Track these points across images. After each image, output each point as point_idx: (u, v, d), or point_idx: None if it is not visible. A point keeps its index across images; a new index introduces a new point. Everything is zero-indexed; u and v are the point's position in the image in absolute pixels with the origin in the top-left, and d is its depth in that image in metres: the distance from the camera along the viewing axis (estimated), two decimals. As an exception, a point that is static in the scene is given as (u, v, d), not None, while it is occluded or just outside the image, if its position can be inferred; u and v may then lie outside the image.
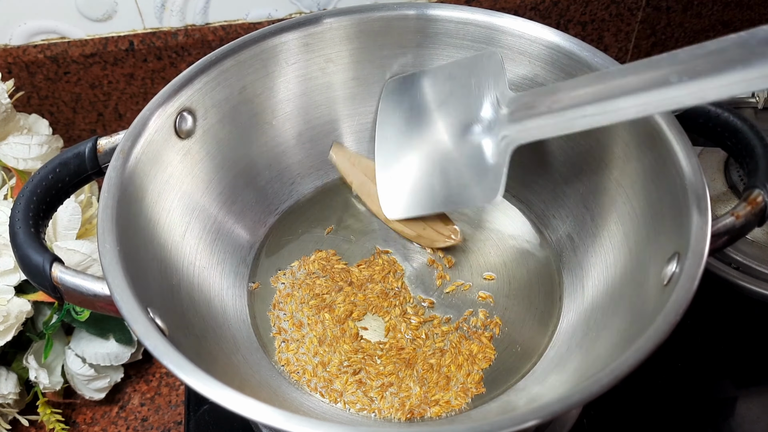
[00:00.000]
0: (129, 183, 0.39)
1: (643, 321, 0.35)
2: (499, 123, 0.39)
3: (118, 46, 0.61)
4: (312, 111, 0.51)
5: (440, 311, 0.46)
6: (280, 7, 0.62)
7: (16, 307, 0.46)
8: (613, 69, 0.35)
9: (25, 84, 0.61)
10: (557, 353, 0.43)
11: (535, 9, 0.66)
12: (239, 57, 0.46)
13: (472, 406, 0.41)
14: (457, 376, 0.42)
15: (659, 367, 0.50)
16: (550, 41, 0.46)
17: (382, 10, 0.49)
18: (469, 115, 0.41)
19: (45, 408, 0.49)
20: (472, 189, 0.41)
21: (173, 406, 0.51)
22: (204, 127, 0.46)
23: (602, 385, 0.30)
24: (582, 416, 0.47)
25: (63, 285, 0.36)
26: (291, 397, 0.41)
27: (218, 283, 0.46)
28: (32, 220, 0.38)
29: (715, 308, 0.53)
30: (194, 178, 0.46)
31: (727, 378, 0.50)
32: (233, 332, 0.44)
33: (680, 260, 0.35)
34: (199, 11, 0.61)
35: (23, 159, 0.51)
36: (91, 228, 0.50)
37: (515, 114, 0.39)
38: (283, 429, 0.29)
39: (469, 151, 0.42)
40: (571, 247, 0.47)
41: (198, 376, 0.30)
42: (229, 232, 0.48)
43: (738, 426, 0.48)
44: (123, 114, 0.66)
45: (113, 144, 0.41)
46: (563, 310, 0.45)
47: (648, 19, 0.71)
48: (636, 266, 0.41)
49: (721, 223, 0.37)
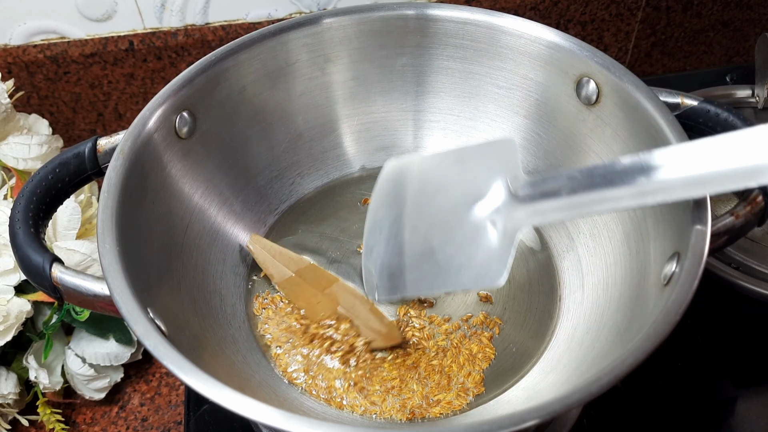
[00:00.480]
0: (129, 183, 0.39)
1: (643, 321, 0.35)
2: (509, 205, 0.38)
3: (118, 46, 0.61)
4: (312, 111, 0.51)
5: (440, 311, 0.46)
6: (280, 7, 0.62)
7: (16, 307, 0.46)
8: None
9: (25, 84, 0.61)
10: (557, 353, 0.43)
11: (535, 9, 0.66)
12: (239, 57, 0.46)
13: (473, 406, 0.41)
14: (457, 376, 0.42)
15: (659, 367, 0.50)
16: (550, 41, 0.46)
17: (382, 10, 0.49)
18: (475, 197, 0.39)
19: (45, 408, 0.49)
20: (474, 271, 0.39)
21: (173, 406, 0.51)
22: (204, 127, 0.46)
23: (602, 385, 0.30)
24: (582, 416, 0.47)
25: (63, 285, 0.36)
26: (291, 397, 0.41)
27: (218, 283, 0.46)
28: (32, 220, 0.38)
29: (715, 308, 0.53)
30: (194, 178, 0.46)
31: (727, 378, 0.50)
32: (233, 332, 0.44)
33: (680, 260, 0.35)
34: (199, 11, 0.61)
35: (23, 159, 0.51)
36: (91, 228, 0.50)
37: (528, 196, 0.37)
38: (283, 429, 0.29)
39: (473, 233, 0.39)
40: (571, 247, 0.47)
41: (198, 376, 0.30)
42: (229, 232, 0.48)
43: (738, 426, 0.48)
44: (123, 114, 0.66)
45: (113, 144, 0.41)
46: (563, 310, 0.45)
47: (648, 19, 0.71)
48: (636, 266, 0.41)
49: (720, 222, 0.37)
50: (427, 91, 0.52)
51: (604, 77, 0.44)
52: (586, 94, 0.45)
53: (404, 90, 0.52)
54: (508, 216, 0.38)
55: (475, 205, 0.39)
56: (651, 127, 0.40)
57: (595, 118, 0.45)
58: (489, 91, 0.51)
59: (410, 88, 0.52)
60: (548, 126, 0.49)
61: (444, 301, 0.46)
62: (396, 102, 0.53)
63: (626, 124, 0.43)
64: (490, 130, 0.52)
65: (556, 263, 0.48)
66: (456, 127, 0.53)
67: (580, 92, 0.46)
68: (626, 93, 0.42)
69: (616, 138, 0.44)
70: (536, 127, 0.50)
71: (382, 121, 0.53)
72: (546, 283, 0.47)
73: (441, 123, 0.53)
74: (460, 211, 0.40)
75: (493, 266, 0.38)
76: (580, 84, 0.45)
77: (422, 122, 0.53)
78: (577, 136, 0.47)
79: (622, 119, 0.43)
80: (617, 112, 0.44)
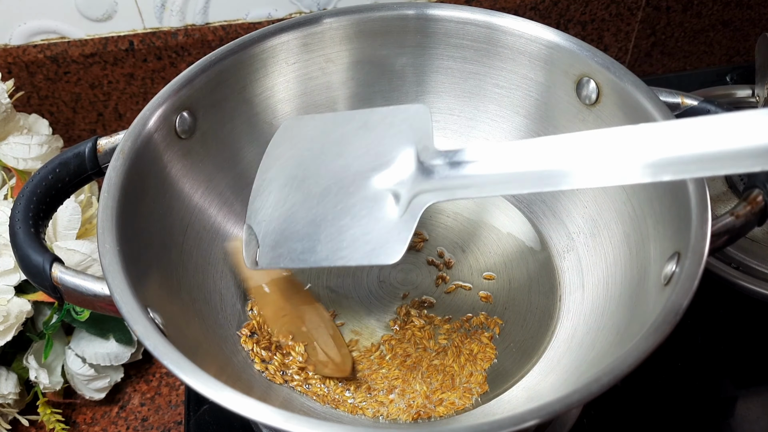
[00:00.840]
0: (129, 183, 0.39)
1: (643, 321, 0.35)
2: (416, 177, 0.35)
3: (118, 46, 0.61)
4: (312, 111, 0.51)
5: (440, 311, 0.46)
6: (280, 7, 0.62)
7: (16, 307, 0.46)
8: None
9: (25, 84, 0.61)
10: (557, 353, 0.43)
11: (535, 9, 0.66)
12: (239, 57, 0.46)
13: (476, 406, 0.41)
14: (460, 376, 0.42)
15: (659, 367, 0.50)
16: (550, 41, 0.46)
17: (381, 10, 0.49)
18: (379, 165, 0.36)
19: (45, 408, 0.49)
20: (369, 246, 0.36)
21: (173, 406, 0.51)
22: (204, 127, 0.46)
23: (602, 385, 0.30)
24: (582, 416, 0.47)
25: (63, 285, 0.36)
26: (291, 397, 0.41)
27: (218, 283, 0.46)
28: (32, 220, 0.38)
29: (715, 308, 0.53)
30: (194, 178, 0.46)
31: (727, 378, 0.50)
32: (233, 332, 0.44)
33: (680, 260, 0.35)
34: (199, 11, 0.61)
35: (23, 159, 0.51)
36: (91, 228, 0.50)
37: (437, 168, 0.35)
38: (283, 429, 0.29)
39: (372, 204, 0.36)
40: (571, 247, 0.47)
41: (198, 376, 0.30)
42: (229, 232, 0.48)
43: (738, 426, 0.48)
44: (123, 114, 0.66)
45: (113, 144, 0.41)
46: (563, 310, 0.45)
47: (648, 19, 0.71)
48: (636, 266, 0.41)
49: (720, 222, 0.37)
50: (427, 91, 0.52)
51: (604, 77, 0.44)
52: (586, 94, 0.45)
53: (404, 90, 0.52)
54: (414, 188, 0.35)
55: (378, 173, 0.36)
56: (651, 127, 0.40)
57: (595, 118, 0.45)
58: (489, 91, 0.51)
59: (410, 88, 0.52)
60: (548, 126, 0.49)
61: (444, 301, 0.46)
62: (396, 102, 0.53)
63: (626, 124, 0.43)
64: (490, 129, 0.52)
65: (556, 263, 0.48)
66: (456, 127, 0.53)
67: (580, 92, 0.46)
68: (626, 93, 0.42)
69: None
70: (536, 127, 0.50)
71: (382, 121, 0.53)
72: (546, 283, 0.47)
73: (441, 123, 0.53)
74: (360, 179, 0.37)
75: (390, 242, 0.35)
76: (580, 84, 0.45)
77: (422, 122, 0.53)
78: (577, 136, 0.47)
79: (622, 119, 0.43)
80: (617, 112, 0.44)
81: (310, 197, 0.38)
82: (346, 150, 0.38)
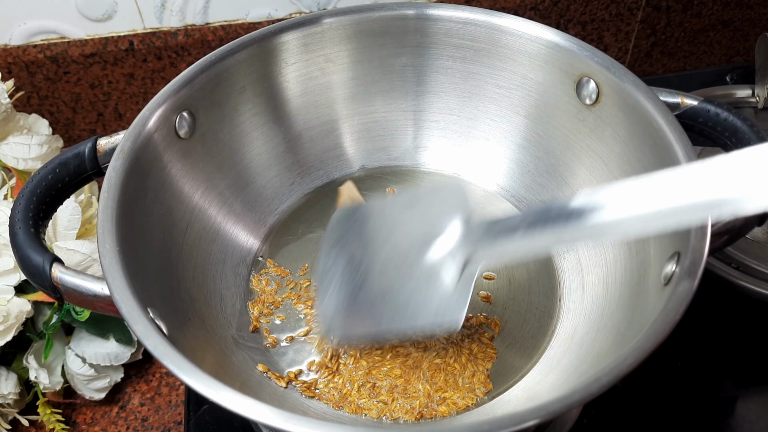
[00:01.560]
0: (129, 183, 0.39)
1: (642, 321, 0.35)
2: (465, 243, 0.37)
3: (118, 46, 0.61)
4: (312, 111, 0.51)
5: (440, 311, 0.46)
6: (280, 7, 0.62)
7: (16, 307, 0.46)
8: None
9: (25, 84, 0.61)
10: (557, 353, 0.43)
11: (535, 9, 0.66)
12: (239, 57, 0.46)
13: (477, 405, 0.41)
14: (463, 376, 0.42)
15: (659, 367, 0.50)
16: (550, 41, 0.46)
17: (381, 10, 0.49)
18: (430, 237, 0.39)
19: (45, 408, 0.49)
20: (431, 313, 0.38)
21: (173, 406, 0.51)
22: (204, 127, 0.46)
23: (602, 385, 0.30)
24: (582, 416, 0.47)
25: (63, 285, 0.36)
26: (291, 397, 0.41)
27: (218, 283, 0.46)
28: (32, 220, 0.38)
29: (715, 308, 0.53)
30: (194, 178, 0.46)
31: (727, 378, 0.50)
32: (233, 332, 0.44)
33: (680, 260, 0.35)
34: (199, 11, 0.61)
35: (23, 159, 0.51)
36: (91, 228, 0.50)
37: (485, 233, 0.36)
38: (283, 429, 0.29)
39: (429, 274, 0.38)
40: (571, 247, 0.47)
41: (198, 376, 0.30)
42: (229, 231, 0.48)
43: (738, 426, 0.48)
44: (123, 114, 0.66)
45: (113, 144, 0.41)
46: (563, 310, 0.45)
47: (648, 19, 0.71)
48: (636, 266, 0.41)
49: (720, 222, 0.37)
50: (427, 91, 0.52)
51: (604, 77, 0.44)
52: (586, 94, 0.45)
53: (404, 90, 0.52)
54: (465, 255, 0.37)
55: (430, 245, 0.38)
56: (651, 127, 0.40)
57: (595, 118, 0.45)
58: (489, 91, 0.51)
59: (410, 88, 0.52)
60: (548, 126, 0.49)
61: (444, 301, 0.46)
62: (396, 102, 0.53)
63: (626, 124, 0.43)
64: (490, 130, 0.52)
65: (556, 263, 0.48)
66: (456, 127, 0.53)
67: (580, 92, 0.46)
68: (626, 93, 0.42)
69: (616, 138, 0.44)
70: (536, 127, 0.50)
71: (382, 121, 0.54)
72: (546, 283, 0.47)
73: (441, 123, 0.53)
74: (415, 253, 0.39)
75: (450, 308, 0.37)
76: (580, 84, 0.45)
77: (422, 122, 0.54)
78: (577, 136, 0.47)
79: (622, 119, 0.43)
80: (617, 112, 0.44)
81: (371, 275, 0.40)
82: (397, 229, 0.41)
